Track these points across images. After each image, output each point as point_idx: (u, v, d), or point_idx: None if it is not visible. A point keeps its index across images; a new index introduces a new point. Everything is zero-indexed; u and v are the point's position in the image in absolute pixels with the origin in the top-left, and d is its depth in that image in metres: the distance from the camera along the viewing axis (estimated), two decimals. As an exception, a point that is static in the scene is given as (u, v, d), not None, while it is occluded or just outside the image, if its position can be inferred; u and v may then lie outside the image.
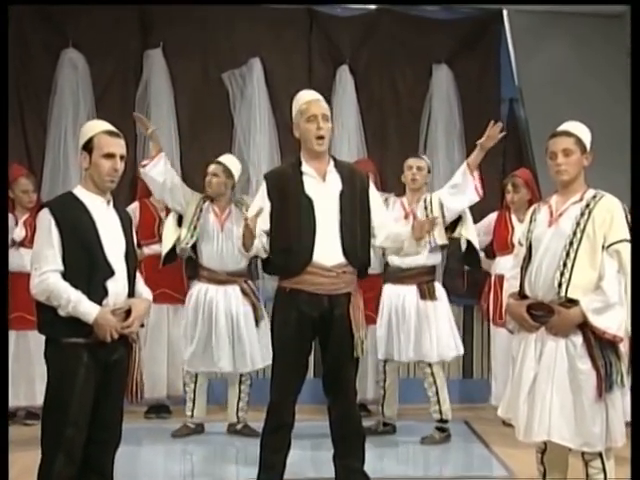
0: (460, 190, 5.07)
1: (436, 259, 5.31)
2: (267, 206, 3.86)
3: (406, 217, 5.20)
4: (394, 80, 6.66)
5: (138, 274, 3.55)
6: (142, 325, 3.50)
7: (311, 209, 3.79)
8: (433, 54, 6.65)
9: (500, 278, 5.31)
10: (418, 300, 5.23)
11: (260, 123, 6.42)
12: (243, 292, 5.29)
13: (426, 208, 5.18)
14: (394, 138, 6.58)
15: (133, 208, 5.80)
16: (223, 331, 5.20)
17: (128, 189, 6.15)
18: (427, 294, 5.24)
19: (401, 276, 5.22)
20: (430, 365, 5.28)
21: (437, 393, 5.28)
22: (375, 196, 4.02)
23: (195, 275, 5.42)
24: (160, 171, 5.16)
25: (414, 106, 6.63)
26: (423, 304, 5.23)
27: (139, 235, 5.70)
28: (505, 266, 4.88)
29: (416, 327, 5.21)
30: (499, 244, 5.78)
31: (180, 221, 5.31)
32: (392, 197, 5.43)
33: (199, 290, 5.29)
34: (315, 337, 3.89)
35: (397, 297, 5.26)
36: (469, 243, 5.29)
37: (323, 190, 3.84)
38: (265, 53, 6.50)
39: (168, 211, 5.54)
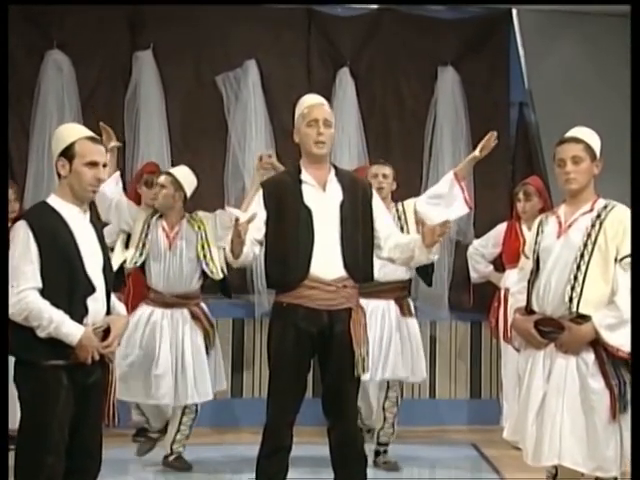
0: (446, 201, 5.02)
1: (412, 273, 5.30)
2: (263, 215, 3.87)
3: None
4: (397, 83, 6.70)
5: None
6: (118, 343, 3.50)
7: (310, 219, 3.79)
8: (438, 55, 6.68)
9: (507, 292, 5.28)
10: (398, 316, 5.27)
11: (256, 129, 6.45)
12: (193, 316, 5.16)
13: (399, 218, 5.17)
14: (397, 144, 6.61)
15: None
16: (165, 360, 5.06)
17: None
18: (406, 310, 5.31)
19: (379, 290, 5.13)
20: (397, 384, 5.36)
21: (395, 416, 5.36)
22: (379, 206, 4.02)
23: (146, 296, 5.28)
24: (111, 190, 5.09)
25: (418, 110, 6.66)
26: (403, 321, 5.28)
27: None
28: (514, 279, 4.89)
29: (396, 344, 5.26)
30: (509, 256, 5.81)
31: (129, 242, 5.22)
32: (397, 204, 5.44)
33: (142, 313, 5.13)
34: (314, 354, 3.88)
35: (375, 312, 5.24)
36: None
37: (323, 200, 3.86)
38: (261, 55, 6.53)
39: None
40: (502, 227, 5.98)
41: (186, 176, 5.26)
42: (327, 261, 3.78)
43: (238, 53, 6.51)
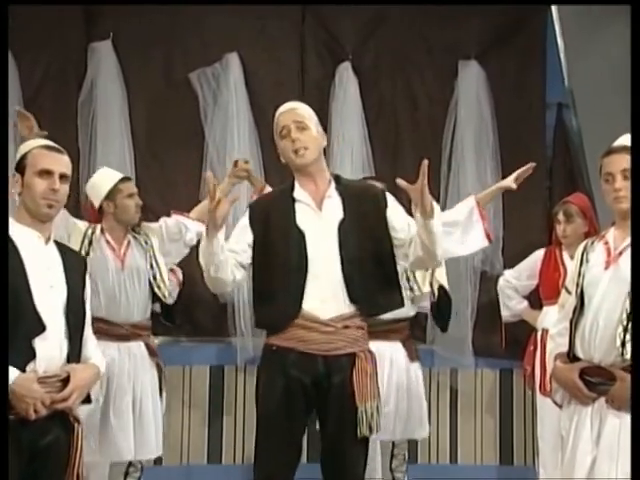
0: (462, 231, 5.06)
1: (415, 310, 5.46)
2: (248, 237, 3.92)
3: None
4: (409, 81, 6.71)
5: (89, 333, 3.54)
6: (89, 400, 3.49)
7: (302, 244, 3.83)
8: (459, 48, 6.68)
9: (546, 333, 5.25)
10: (407, 361, 5.37)
11: (238, 137, 6.46)
12: (149, 351, 5.23)
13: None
14: (409, 155, 6.58)
15: None
16: (126, 406, 5.08)
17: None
18: (414, 354, 5.43)
19: (384, 330, 5.18)
20: (408, 442, 5.48)
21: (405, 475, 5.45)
22: (398, 212, 4.02)
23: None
24: None
25: (435, 114, 6.67)
26: (412, 367, 5.39)
27: None
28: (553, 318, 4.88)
29: (409, 397, 5.35)
30: (547, 290, 5.82)
31: None
32: None
33: None
34: (310, 410, 3.90)
35: (381, 357, 5.13)
36: (440, 291, 5.42)
37: (319, 220, 3.90)
38: (245, 47, 6.53)
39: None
40: (538, 255, 5.96)
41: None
42: (323, 295, 3.82)
43: (217, 45, 6.51)
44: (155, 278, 5.20)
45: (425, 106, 6.70)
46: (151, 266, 5.20)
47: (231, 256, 3.84)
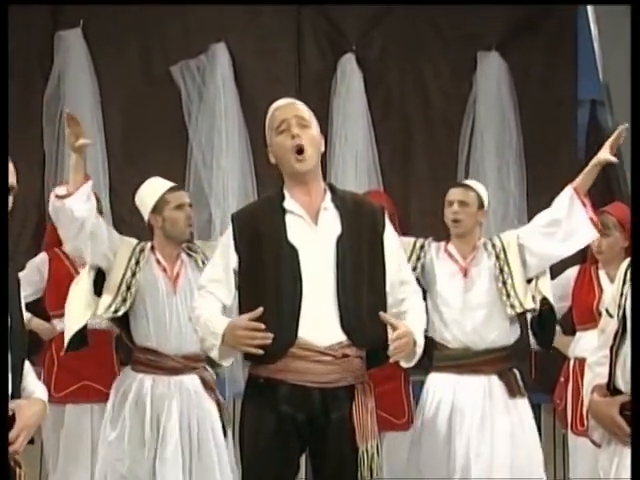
0: (565, 228, 5.08)
1: (517, 334, 5.27)
2: (232, 261, 3.86)
3: (465, 275, 5.22)
4: (421, 75, 6.71)
5: (27, 365, 3.47)
6: (32, 441, 3.39)
7: (296, 263, 3.76)
8: (479, 37, 6.69)
9: (582, 363, 5.08)
10: (507, 399, 5.16)
11: (227, 139, 6.48)
12: (205, 384, 5.23)
13: (497, 258, 5.19)
14: (421, 160, 6.64)
15: (39, 262, 5.86)
16: (176, 448, 5.07)
17: (32, 235, 6.23)
18: (516, 387, 5.17)
19: (473, 362, 5.15)
20: None
21: None
22: (393, 244, 3.99)
23: (129, 360, 5.34)
24: (83, 207, 5.07)
25: (450, 112, 6.70)
26: (513, 404, 5.16)
27: (47, 302, 5.80)
28: (590, 346, 4.79)
29: (514, 442, 5.12)
30: (581, 314, 5.76)
31: (98, 283, 5.20)
32: (431, 243, 5.39)
33: (139, 385, 5.18)
34: (304, 450, 3.86)
35: (465, 395, 5.15)
36: (544, 303, 5.26)
37: (314, 235, 3.83)
38: (234, 37, 6.56)
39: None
40: (571, 273, 5.87)
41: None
42: (320, 320, 3.75)
43: (202, 34, 6.55)
44: None
45: (439, 103, 6.72)
46: None
47: (214, 290, 3.85)
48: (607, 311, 3.68)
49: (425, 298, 4.72)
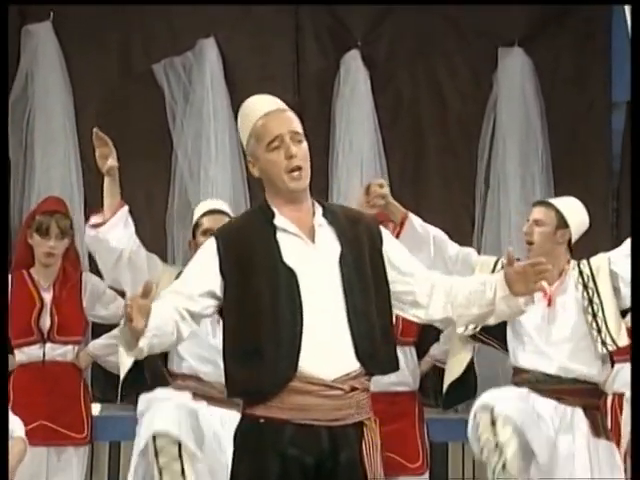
0: None
1: (608, 370, 5.25)
2: (213, 284, 3.76)
3: (549, 303, 5.19)
4: (434, 74, 6.73)
5: None
6: None
7: (295, 287, 3.65)
8: (500, 32, 6.71)
9: (621, 398, 5.27)
10: (589, 438, 5.08)
11: (216, 146, 6.49)
12: None
13: (585, 286, 5.18)
14: (435, 169, 6.66)
15: None
16: None
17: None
18: (601, 428, 5.09)
19: (554, 390, 5.09)
20: None
21: None
22: (396, 248, 3.94)
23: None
24: (119, 235, 5.19)
25: (468, 116, 6.72)
26: (594, 445, 5.07)
27: (10, 330, 5.71)
28: (629, 379, 4.73)
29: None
30: (619, 341, 5.82)
31: None
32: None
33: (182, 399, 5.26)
34: None
35: (553, 418, 5.09)
36: None
37: (312, 255, 3.74)
38: (224, 32, 6.58)
39: (59, 291, 5.64)
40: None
41: None
42: (326, 350, 3.67)
43: (188, 30, 6.56)
44: None
45: (456, 105, 6.74)
46: None
47: (178, 305, 3.71)
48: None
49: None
